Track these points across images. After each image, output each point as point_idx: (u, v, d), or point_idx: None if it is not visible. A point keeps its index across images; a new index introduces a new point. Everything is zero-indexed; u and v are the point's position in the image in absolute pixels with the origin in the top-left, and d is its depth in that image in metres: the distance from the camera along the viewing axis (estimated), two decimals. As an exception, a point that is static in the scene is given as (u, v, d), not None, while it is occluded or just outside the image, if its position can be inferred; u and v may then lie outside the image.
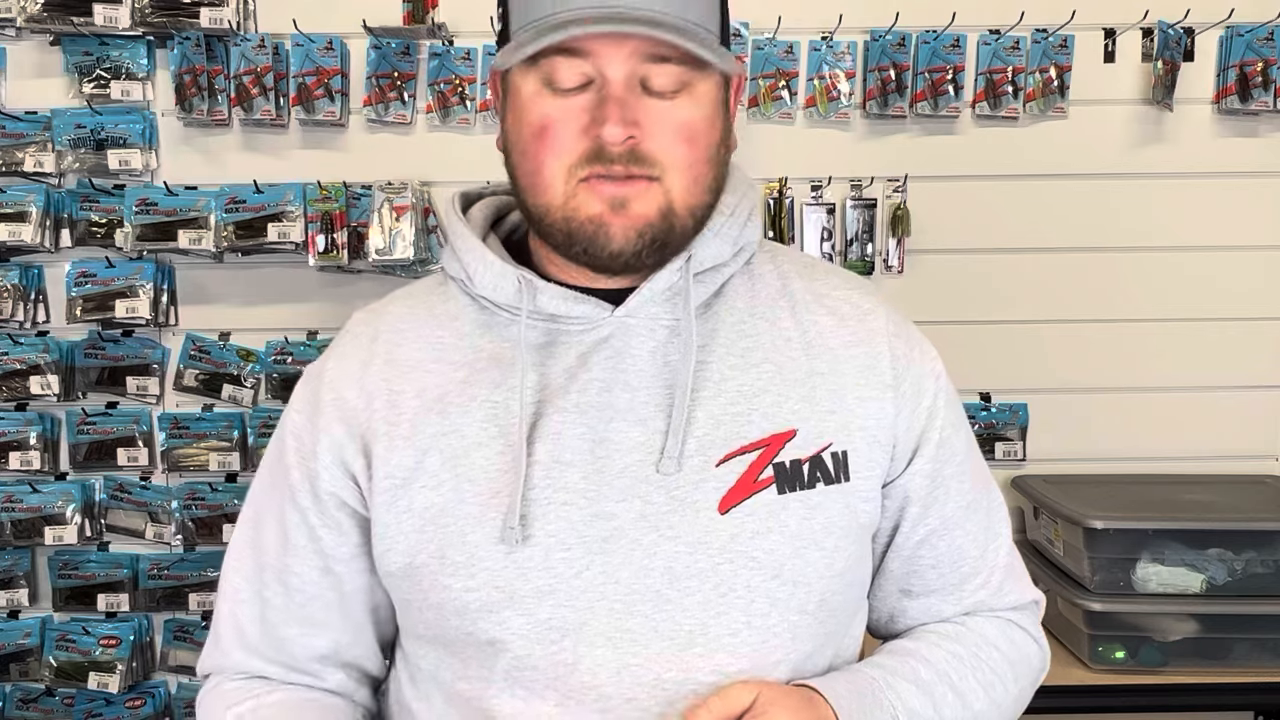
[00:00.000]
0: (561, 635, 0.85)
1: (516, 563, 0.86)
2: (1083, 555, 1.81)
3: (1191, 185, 2.08)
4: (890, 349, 0.95)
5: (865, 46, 2.03)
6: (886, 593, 1.01)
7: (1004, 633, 1.00)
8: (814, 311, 0.95)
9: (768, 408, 0.89)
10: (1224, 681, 1.77)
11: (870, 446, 0.92)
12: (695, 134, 0.86)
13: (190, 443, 2.06)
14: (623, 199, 0.85)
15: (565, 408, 0.88)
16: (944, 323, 2.07)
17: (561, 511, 0.86)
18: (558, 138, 0.85)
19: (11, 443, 2.03)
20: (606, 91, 0.84)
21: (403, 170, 2.02)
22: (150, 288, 2.01)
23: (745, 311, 0.94)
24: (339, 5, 1.99)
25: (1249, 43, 2.03)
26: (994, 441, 2.12)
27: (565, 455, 0.87)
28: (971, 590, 0.99)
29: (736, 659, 0.86)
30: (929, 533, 0.97)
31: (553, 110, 0.85)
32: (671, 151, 0.85)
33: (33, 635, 2.08)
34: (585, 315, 0.90)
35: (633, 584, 0.85)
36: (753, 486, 0.87)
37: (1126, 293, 2.10)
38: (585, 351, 0.90)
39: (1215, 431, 2.12)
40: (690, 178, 0.86)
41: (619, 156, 0.83)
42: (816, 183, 2.06)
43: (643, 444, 0.87)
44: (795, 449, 0.89)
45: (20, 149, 1.99)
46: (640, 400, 0.88)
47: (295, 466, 0.95)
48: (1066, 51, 2.04)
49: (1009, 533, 1.04)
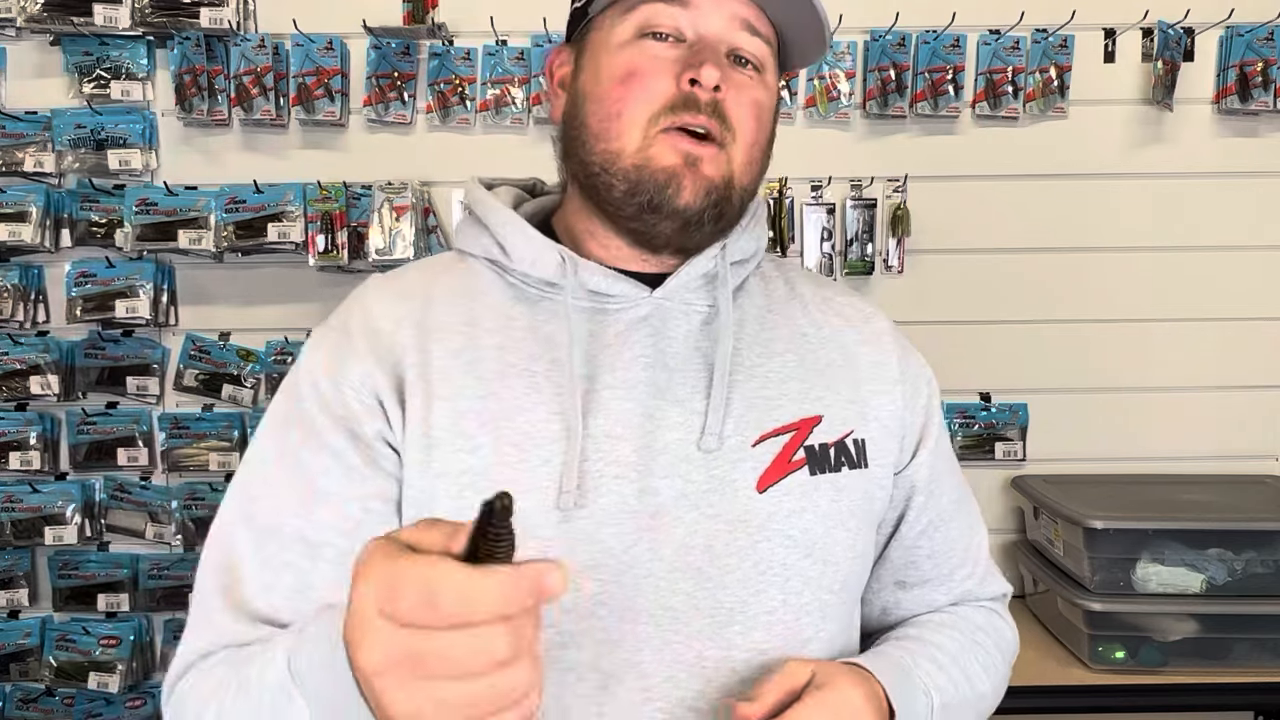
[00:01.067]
0: (607, 611, 0.85)
1: (567, 533, 0.84)
2: (1083, 555, 1.81)
3: (1191, 185, 2.08)
4: (895, 349, 1.00)
5: (865, 46, 2.03)
6: (882, 584, 1.04)
7: (989, 621, 1.04)
8: (824, 313, 1.00)
9: (795, 394, 0.93)
10: (1224, 681, 1.77)
11: (884, 436, 0.96)
12: (762, 114, 0.90)
13: (190, 443, 2.06)
14: (697, 157, 0.87)
15: (614, 383, 0.88)
16: (944, 323, 2.10)
17: (614, 485, 0.86)
18: (646, 83, 0.87)
19: (11, 443, 2.03)
20: (704, 42, 0.87)
21: (403, 170, 2.02)
22: (150, 288, 2.01)
23: (763, 308, 0.97)
24: (339, 5, 1.99)
25: (1249, 43, 2.03)
26: (994, 441, 2.12)
27: (617, 429, 0.87)
28: (960, 580, 1.04)
29: (772, 636, 0.88)
30: (928, 524, 1.01)
31: (643, 58, 0.87)
32: (744, 123, 0.88)
33: (33, 635, 2.08)
34: (625, 294, 0.91)
35: (675, 561, 0.86)
36: (788, 467, 0.90)
37: (1126, 293, 2.10)
38: (625, 329, 0.90)
39: (1215, 431, 2.12)
40: (749, 155, 0.90)
41: (706, 106, 0.86)
42: (816, 183, 2.06)
43: (682, 423, 0.88)
44: (822, 433, 0.92)
45: (20, 149, 1.99)
46: (677, 380, 0.89)
47: (320, 412, 0.87)
48: (1066, 51, 2.04)
49: (986, 530, 1.10)
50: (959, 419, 2.12)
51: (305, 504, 0.86)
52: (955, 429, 2.12)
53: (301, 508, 0.86)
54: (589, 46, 0.92)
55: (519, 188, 1.03)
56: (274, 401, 0.93)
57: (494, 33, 2.00)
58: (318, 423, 0.87)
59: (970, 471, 2.12)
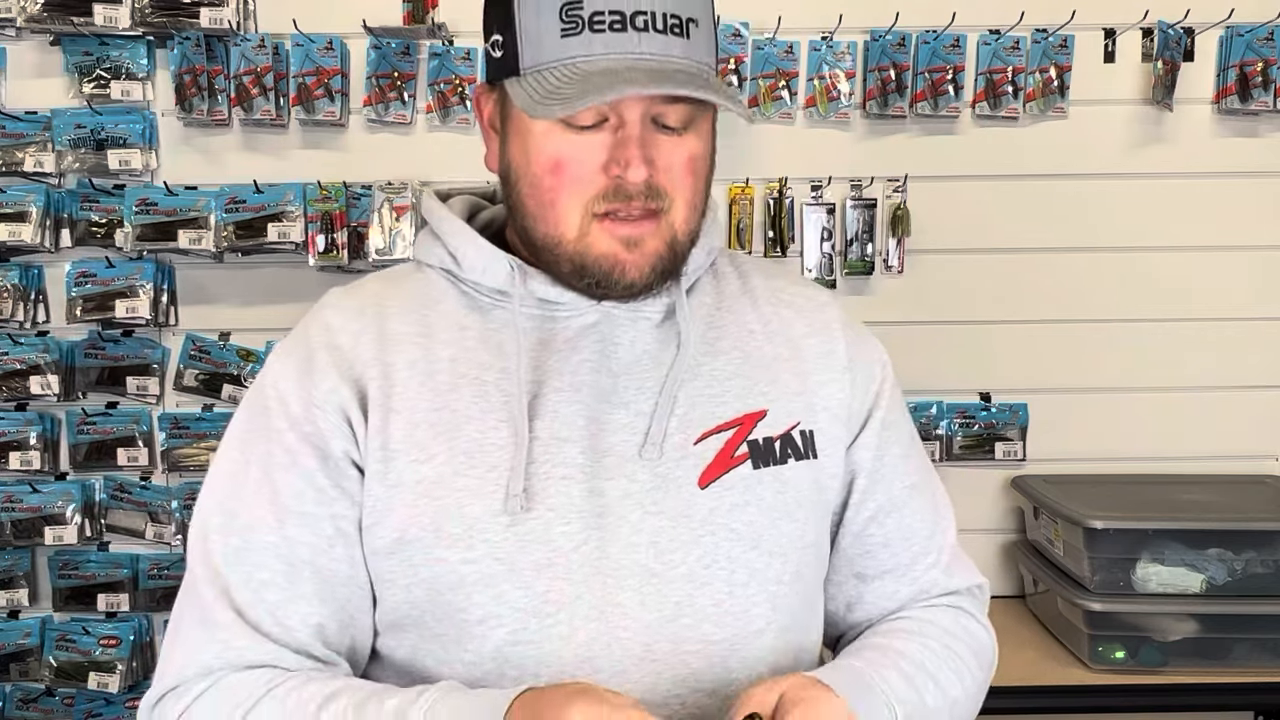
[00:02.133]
0: (557, 609, 0.87)
1: (517, 535, 0.87)
2: (1083, 555, 1.81)
3: (1191, 185, 2.08)
4: (844, 336, 1.01)
5: (865, 46, 2.03)
6: (842, 577, 1.03)
7: (959, 623, 1.02)
8: (774, 306, 1.01)
9: (739, 390, 0.94)
10: (1224, 681, 1.77)
11: (832, 424, 0.98)
12: (698, 166, 0.90)
13: (190, 443, 2.06)
14: (637, 238, 0.88)
15: (561, 387, 0.91)
16: (944, 323, 2.10)
17: (561, 486, 0.88)
18: (575, 175, 0.87)
19: (11, 443, 2.03)
20: (626, 132, 0.86)
21: (403, 170, 2.02)
22: (150, 288, 2.01)
23: (712, 306, 0.99)
24: (339, 5, 1.99)
25: (1249, 43, 2.03)
26: (994, 441, 2.12)
27: (563, 431, 0.89)
28: (923, 570, 1.03)
29: (721, 628, 0.90)
30: (877, 509, 1.01)
31: (568, 148, 0.87)
32: (680, 184, 0.89)
33: (33, 635, 2.08)
34: (573, 302, 0.93)
35: (621, 559, 0.88)
36: (729, 462, 0.92)
37: (1126, 293, 2.10)
38: (573, 336, 0.93)
39: (1215, 431, 2.12)
40: (692, 206, 0.91)
41: (635, 193, 0.86)
42: (816, 183, 2.06)
43: (627, 425, 0.90)
44: (766, 427, 0.94)
45: (20, 149, 1.99)
46: (623, 384, 0.92)
47: (289, 429, 0.90)
48: (1066, 51, 2.04)
49: (954, 527, 1.08)
50: (959, 419, 2.12)
51: (281, 521, 0.89)
52: (955, 429, 2.12)
53: (277, 525, 0.89)
54: (513, 116, 0.89)
55: (477, 194, 1.03)
56: (239, 414, 0.95)
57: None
58: (286, 440, 0.90)
59: (970, 471, 2.14)
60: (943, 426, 2.11)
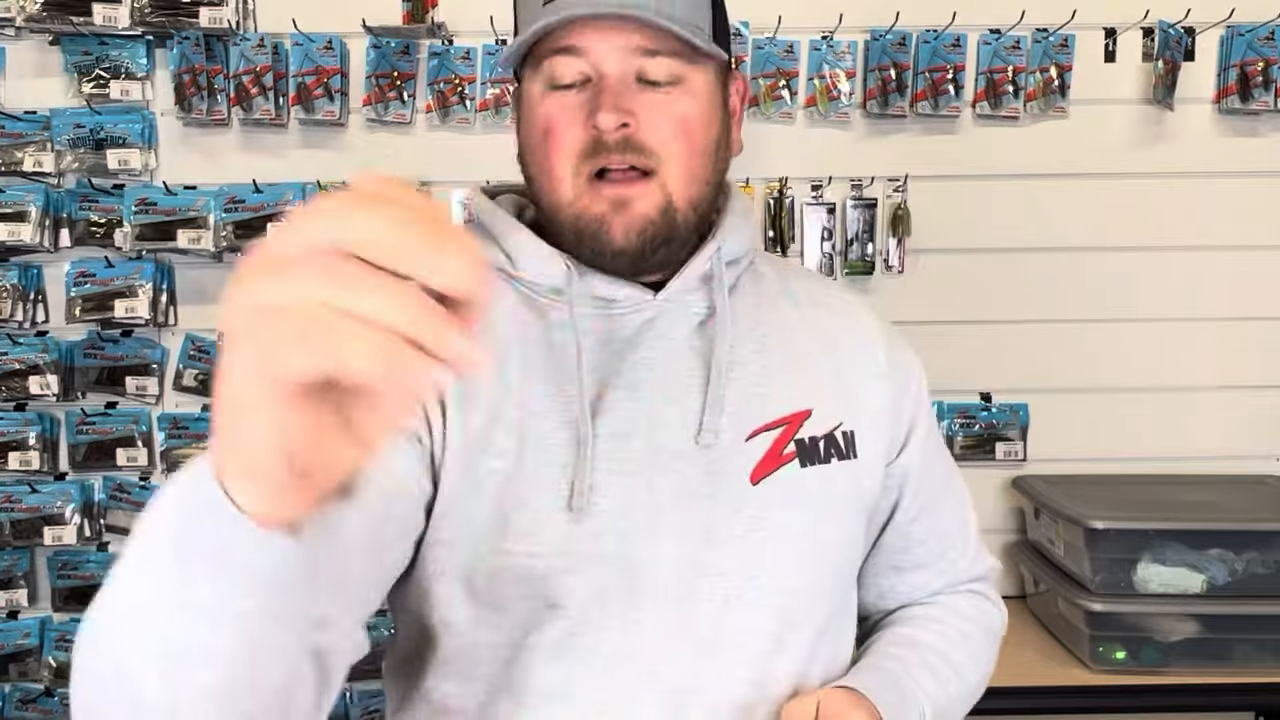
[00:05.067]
0: (616, 600, 0.89)
1: (578, 533, 0.89)
2: (1083, 555, 1.81)
3: (1191, 185, 2.07)
4: (884, 345, 1.03)
5: (865, 46, 2.03)
6: (879, 569, 1.09)
7: (975, 605, 1.09)
8: (815, 309, 1.02)
9: (785, 389, 0.96)
10: (1224, 682, 1.77)
11: (873, 427, 0.99)
12: (691, 126, 0.90)
13: (190, 443, 2.06)
14: (624, 199, 0.88)
15: (620, 385, 0.92)
16: (944, 323, 2.10)
17: (621, 482, 0.90)
18: (561, 134, 0.89)
19: (11, 443, 2.03)
20: (602, 84, 0.88)
21: (402, 170, 2.02)
22: (150, 287, 2.01)
23: (754, 305, 0.99)
24: (339, 5, 1.98)
25: (1249, 42, 2.03)
26: (994, 441, 2.11)
27: (624, 429, 0.91)
28: (953, 561, 1.09)
29: (768, 620, 0.92)
30: (920, 509, 1.06)
31: (554, 108, 0.89)
32: (669, 143, 0.89)
33: (32, 635, 2.08)
34: (630, 298, 0.94)
35: (675, 551, 0.90)
36: (779, 460, 0.94)
37: (1127, 293, 2.10)
38: (632, 334, 0.94)
39: (1215, 431, 2.12)
40: (687, 170, 0.90)
41: (616, 145, 0.87)
42: (817, 183, 2.06)
43: (679, 419, 0.92)
44: (812, 426, 0.96)
45: (20, 149, 1.99)
46: (675, 379, 0.93)
47: None
48: (1067, 51, 2.04)
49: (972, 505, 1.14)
50: (959, 419, 2.12)
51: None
52: (955, 429, 2.11)
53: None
54: (523, 95, 0.94)
55: (517, 193, 1.04)
56: None
57: (494, 32, 2.00)
58: None
59: (970, 471, 2.12)
60: (943, 426, 2.11)
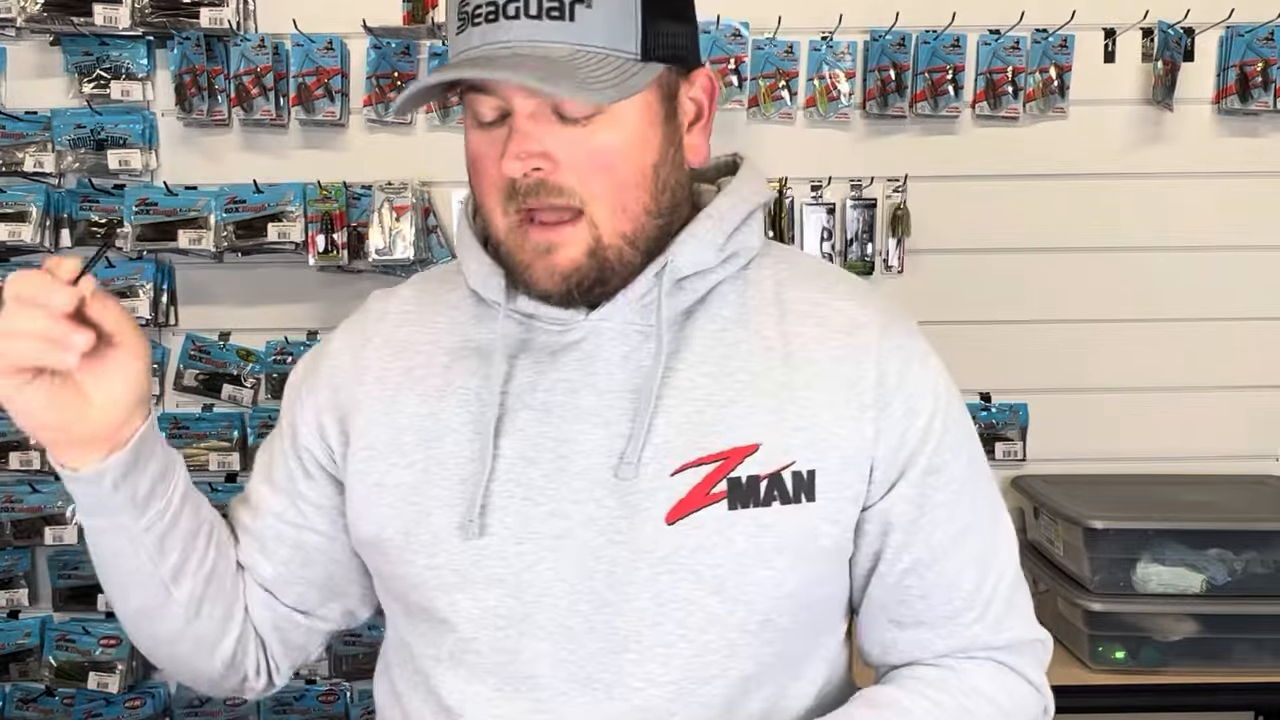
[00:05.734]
0: (507, 624, 0.88)
1: (474, 549, 0.89)
2: (1083, 555, 1.81)
3: (1191, 185, 2.07)
4: (878, 367, 0.90)
5: (865, 46, 2.03)
6: (877, 622, 0.96)
7: (996, 680, 0.94)
8: (803, 322, 0.91)
9: (734, 419, 0.88)
10: (1224, 681, 1.77)
11: (843, 467, 0.88)
12: (613, 160, 0.84)
13: (190, 443, 2.06)
14: (550, 244, 0.85)
15: (532, 405, 0.90)
16: (944, 323, 2.07)
17: (521, 507, 0.88)
18: (483, 172, 0.87)
19: (11, 443, 2.03)
20: (512, 128, 0.83)
21: (403, 170, 2.02)
22: (150, 288, 2.01)
23: (729, 319, 0.91)
24: (339, 5, 1.98)
25: (1249, 43, 2.03)
26: (994, 441, 2.11)
27: (529, 452, 0.89)
28: (965, 624, 0.93)
29: (669, 670, 0.86)
30: (915, 562, 0.92)
31: (477, 145, 0.88)
32: (589, 181, 0.83)
33: (33, 635, 2.08)
34: (560, 317, 0.90)
35: (577, 583, 0.87)
36: (704, 500, 0.86)
37: (1126, 292, 2.10)
38: (556, 352, 0.90)
39: (1215, 431, 2.12)
40: (614, 206, 0.85)
41: (529, 190, 0.83)
42: (816, 183, 2.06)
43: (603, 446, 0.88)
44: (755, 464, 0.87)
45: (20, 149, 1.99)
46: (605, 403, 0.88)
47: (284, 414, 1.02)
48: (1066, 51, 2.04)
49: (1016, 565, 0.98)
50: (959, 419, 2.11)
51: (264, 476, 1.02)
52: (955, 429, 2.11)
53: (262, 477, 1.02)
54: None
55: None
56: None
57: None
58: (282, 423, 1.02)
59: (970, 471, 2.14)
60: (943, 426, 2.11)
